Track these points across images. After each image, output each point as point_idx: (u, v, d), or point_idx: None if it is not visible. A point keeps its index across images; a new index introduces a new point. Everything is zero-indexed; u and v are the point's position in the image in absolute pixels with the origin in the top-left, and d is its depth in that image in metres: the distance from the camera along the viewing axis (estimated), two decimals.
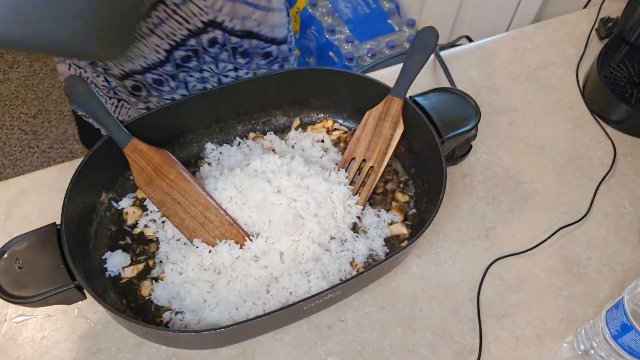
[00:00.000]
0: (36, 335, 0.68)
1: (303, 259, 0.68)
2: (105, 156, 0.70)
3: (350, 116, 0.84)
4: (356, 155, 0.78)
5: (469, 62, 0.99)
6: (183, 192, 0.71)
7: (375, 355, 0.68)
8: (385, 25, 1.72)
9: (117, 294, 0.68)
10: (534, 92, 0.96)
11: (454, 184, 0.84)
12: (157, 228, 0.73)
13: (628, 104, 0.89)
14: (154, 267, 0.70)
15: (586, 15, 1.08)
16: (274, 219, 0.69)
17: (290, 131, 0.83)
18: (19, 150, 1.94)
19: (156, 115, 0.73)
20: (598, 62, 0.95)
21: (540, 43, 1.03)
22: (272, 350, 0.68)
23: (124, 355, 0.67)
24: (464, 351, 0.69)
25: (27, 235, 0.61)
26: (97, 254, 0.70)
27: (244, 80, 0.76)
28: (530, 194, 0.83)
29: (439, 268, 0.76)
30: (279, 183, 0.72)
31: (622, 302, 0.60)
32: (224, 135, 0.82)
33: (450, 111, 0.74)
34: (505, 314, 0.72)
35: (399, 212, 0.76)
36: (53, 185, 0.80)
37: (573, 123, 0.92)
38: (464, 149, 0.85)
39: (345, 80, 0.79)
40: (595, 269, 0.77)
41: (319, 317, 0.71)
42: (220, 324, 0.64)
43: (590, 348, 0.66)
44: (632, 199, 0.84)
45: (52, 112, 2.04)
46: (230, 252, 0.68)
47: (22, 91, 2.09)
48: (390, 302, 0.72)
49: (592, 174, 0.86)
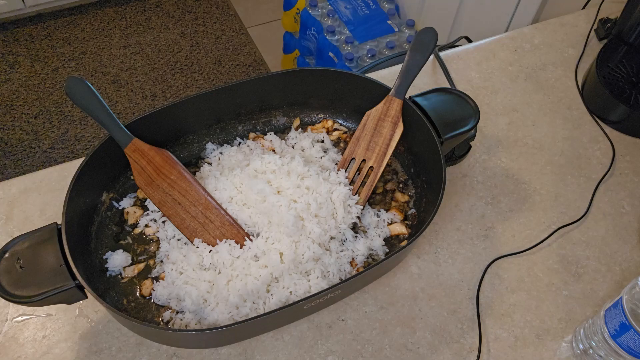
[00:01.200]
0: (37, 334, 0.68)
1: (303, 259, 0.68)
2: (106, 156, 0.71)
3: (350, 116, 0.85)
4: (356, 156, 0.78)
5: (468, 63, 1.00)
6: (184, 192, 0.71)
7: (375, 355, 0.69)
8: (384, 26, 1.72)
9: (118, 294, 0.68)
10: (533, 92, 0.96)
11: (453, 183, 0.84)
12: (157, 228, 0.73)
13: (627, 104, 0.90)
14: (154, 267, 0.71)
15: (585, 16, 1.08)
16: (274, 220, 0.70)
17: (290, 131, 0.84)
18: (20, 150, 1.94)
19: (157, 115, 0.73)
20: (597, 62, 0.95)
21: (539, 44, 1.03)
22: (272, 349, 0.68)
23: (125, 355, 0.67)
24: (463, 350, 0.69)
25: (28, 235, 0.61)
26: (98, 254, 0.70)
27: (244, 81, 0.77)
28: (529, 194, 0.84)
29: (438, 267, 0.76)
30: (278, 184, 0.73)
31: (621, 302, 0.60)
32: (225, 135, 0.82)
33: (449, 111, 0.75)
34: (504, 313, 0.73)
35: (398, 212, 0.76)
36: (54, 185, 0.80)
37: (572, 123, 0.93)
38: (463, 149, 0.85)
39: (345, 81, 0.80)
40: (594, 268, 0.77)
41: (319, 317, 0.71)
42: (221, 323, 0.64)
43: (589, 347, 0.66)
44: (630, 198, 0.84)
45: (53, 112, 2.04)
46: (231, 252, 0.69)
47: (23, 91, 2.09)
48: (390, 301, 0.73)
49: (590, 174, 0.86)
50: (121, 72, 2.19)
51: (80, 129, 2.01)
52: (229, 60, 2.26)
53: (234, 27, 2.37)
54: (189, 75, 2.19)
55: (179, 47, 2.28)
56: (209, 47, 2.29)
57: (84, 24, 2.33)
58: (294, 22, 1.96)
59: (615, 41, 0.98)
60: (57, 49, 2.23)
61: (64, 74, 2.16)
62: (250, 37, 2.35)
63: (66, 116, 2.04)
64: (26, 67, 2.16)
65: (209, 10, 2.43)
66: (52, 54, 2.21)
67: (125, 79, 2.16)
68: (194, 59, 2.25)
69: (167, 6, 2.43)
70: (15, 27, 2.28)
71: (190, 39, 2.32)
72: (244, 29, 2.38)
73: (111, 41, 2.28)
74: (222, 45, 2.30)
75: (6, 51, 2.20)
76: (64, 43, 2.26)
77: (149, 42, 2.29)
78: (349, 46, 1.67)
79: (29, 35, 2.26)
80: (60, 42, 2.26)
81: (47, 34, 2.28)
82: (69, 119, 2.03)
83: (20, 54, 2.20)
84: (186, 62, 2.23)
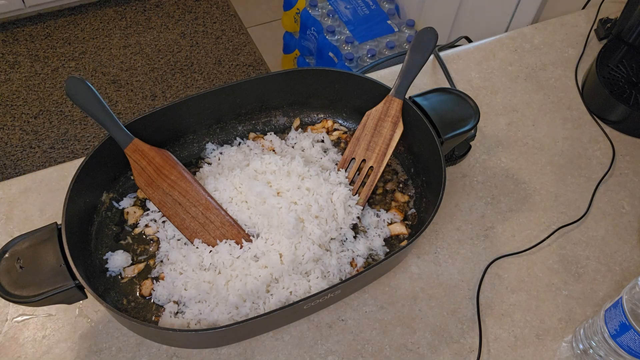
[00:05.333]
0: (37, 334, 0.68)
1: (303, 259, 0.68)
2: (106, 156, 0.71)
3: (350, 116, 0.85)
4: (356, 156, 0.78)
5: (468, 63, 1.00)
6: (184, 192, 0.71)
7: (375, 355, 0.69)
8: (384, 26, 1.72)
9: (118, 294, 0.68)
10: (533, 92, 0.96)
11: (453, 184, 0.84)
12: (157, 228, 0.73)
13: (627, 104, 0.90)
14: (154, 267, 0.71)
15: (585, 15, 1.08)
16: (274, 222, 0.70)
17: (290, 131, 0.84)
18: (20, 150, 1.94)
19: (157, 115, 0.73)
20: (597, 62, 0.95)
21: (539, 44, 1.03)
22: (272, 349, 0.68)
23: (125, 355, 0.67)
24: (463, 350, 0.69)
25: (28, 235, 0.61)
26: (98, 254, 0.70)
27: (244, 81, 0.77)
28: (529, 193, 0.84)
29: (438, 267, 0.76)
30: (279, 185, 0.73)
31: (621, 302, 0.60)
32: (225, 135, 0.82)
33: (449, 111, 0.75)
34: (504, 313, 0.73)
35: (398, 212, 0.76)
36: (54, 185, 0.80)
37: (572, 123, 0.93)
38: (463, 149, 0.85)
39: (345, 81, 0.80)
40: (594, 268, 0.77)
41: (319, 317, 0.71)
42: (221, 323, 0.64)
43: (589, 347, 0.66)
44: (630, 198, 0.84)
45: (53, 112, 2.04)
46: (231, 252, 0.69)
47: (23, 91, 2.09)
48: (390, 301, 0.73)
49: (590, 174, 0.86)
50: (121, 72, 2.18)
51: (80, 129, 2.01)
52: (229, 60, 2.26)
53: (234, 27, 2.37)
54: (189, 75, 2.19)
55: (179, 47, 2.28)
56: (209, 47, 2.29)
57: (84, 24, 2.33)
58: (294, 22, 1.96)
59: (615, 41, 0.98)
60: (57, 49, 2.23)
61: (64, 74, 2.16)
62: (250, 37, 2.35)
63: (66, 116, 2.04)
64: (26, 67, 2.16)
65: (209, 10, 2.43)
66: (52, 54, 2.21)
67: (125, 79, 2.16)
68: (194, 59, 2.25)
69: (167, 6, 2.43)
70: (15, 27, 2.28)
71: (190, 39, 2.32)
72: (244, 29, 2.38)
73: (111, 41, 2.28)
74: (222, 45, 2.30)
75: (6, 51, 2.20)
76: (64, 43, 2.26)
77: (149, 42, 2.29)
78: (349, 46, 1.67)
79: (29, 35, 2.26)
80: (60, 42, 2.26)
81: (47, 34, 2.28)
82: (69, 119, 2.03)
83: (20, 54, 2.20)
84: (186, 62, 2.23)
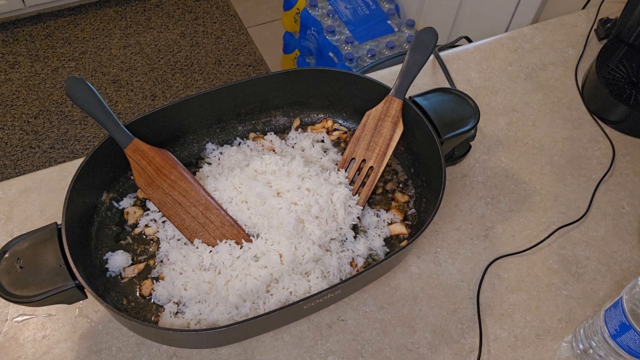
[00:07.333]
0: (37, 334, 0.68)
1: (303, 260, 0.68)
2: (106, 156, 0.71)
3: (350, 116, 0.85)
4: (356, 156, 0.78)
5: (468, 63, 1.00)
6: (184, 192, 0.71)
7: (375, 355, 0.69)
8: (384, 26, 1.72)
9: (118, 294, 0.68)
10: (533, 92, 0.96)
11: (453, 184, 0.84)
12: (157, 228, 0.73)
13: (627, 104, 0.90)
14: (154, 267, 0.71)
15: (585, 16, 1.08)
16: (274, 223, 0.70)
17: (290, 131, 0.84)
18: (20, 150, 1.94)
19: (157, 115, 0.73)
20: (597, 62, 0.95)
21: (539, 44, 1.03)
22: (272, 349, 0.68)
23: (125, 355, 0.67)
24: (463, 350, 0.69)
25: (28, 235, 0.61)
26: (98, 254, 0.70)
27: (244, 81, 0.77)
28: (529, 193, 0.84)
29: (438, 267, 0.76)
30: (279, 185, 0.73)
31: (621, 302, 0.60)
32: (225, 135, 0.82)
33: (449, 111, 0.75)
34: (504, 313, 0.73)
35: (398, 212, 0.76)
36: (54, 185, 0.80)
37: (572, 123, 0.93)
38: (463, 149, 0.85)
39: (345, 81, 0.80)
40: (594, 268, 0.77)
41: (319, 317, 0.71)
42: (221, 323, 0.64)
43: (589, 347, 0.66)
44: (630, 198, 0.84)
45: (53, 112, 2.04)
46: (231, 252, 0.69)
47: (23, 91, 2.09)
48: (390, 301, 0.73)
49: (590, 174, 0.86)
50: (121, 72, 2.19)
51: (80, 129, 2.01)
52: (229, 60, 2.26)
53: (234, 27, 2.37)
54: (189, 75, 2.19)
55: (179, 47, 2.28)
56: (209, 47, 2.29)
57: (84, 24, 2.33)
58: (294, 22, 1.96)
59: (615, 41, 0.98)
60: (57, 49, 2.23)
61: (64, 74, 2.16)
62: (250, 37, 2.35)
63: (66, 116, 2.04)
64: (26, 67, 2.16)
65: (209, 10, 2.43)
66: (52, 54, 2.21)
67: (125, 79, 2.16)
68: (194, 59, 2.25)
69: (167, 6, 2.43)
70: (15, 27, 2.28)
71: (190, 39, 2.32)
72: (244, 29, 2.38)
73: (111, 41, 2.28)
74: (222, 45, 2.30)
75: (6, 51, 2.20)
76: (64, 43, 2.26)
77: (149, 42, 2.29)
78: (349, 46, 1.67)
79: (29, 35, 2.26)
80: (60, 42, 2.26)
81: (47, 34, 2.28)
82: (69, 119, 2.03)
83: (20, 54, 2.20)
84: (186, 62, 2.23)
